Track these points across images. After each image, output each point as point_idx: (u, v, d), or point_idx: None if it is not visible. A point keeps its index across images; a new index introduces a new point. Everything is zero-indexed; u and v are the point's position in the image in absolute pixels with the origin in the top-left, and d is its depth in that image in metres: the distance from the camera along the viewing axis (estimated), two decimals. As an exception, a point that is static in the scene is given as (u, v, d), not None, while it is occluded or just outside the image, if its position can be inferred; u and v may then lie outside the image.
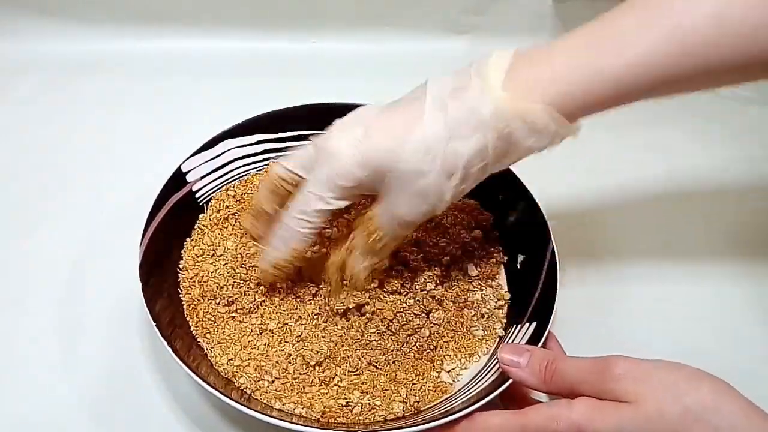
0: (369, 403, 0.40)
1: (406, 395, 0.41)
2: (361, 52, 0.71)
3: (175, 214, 0.46)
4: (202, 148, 0.49)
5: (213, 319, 0.43)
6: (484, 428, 0.36)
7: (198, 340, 0.42)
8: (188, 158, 0.49)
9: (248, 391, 0.40)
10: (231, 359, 0.41)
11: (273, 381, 0.40)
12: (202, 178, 0.49)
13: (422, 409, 0.40)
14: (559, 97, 0.34)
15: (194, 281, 0.45)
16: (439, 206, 0.38)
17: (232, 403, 0.36)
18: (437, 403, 0.41)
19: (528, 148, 0.36)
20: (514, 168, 0.49)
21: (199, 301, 0.44)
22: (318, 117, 0.53)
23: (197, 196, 0.49)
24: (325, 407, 0.39)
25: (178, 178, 0.48)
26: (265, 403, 0.39)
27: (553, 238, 0.45)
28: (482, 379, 0.41)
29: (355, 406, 0.40)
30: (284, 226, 0.41)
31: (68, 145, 0.60)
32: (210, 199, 0.50)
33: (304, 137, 0.53)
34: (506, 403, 0.40)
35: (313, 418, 0.39)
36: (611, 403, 0.33)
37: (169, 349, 0.37)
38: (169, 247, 0.46)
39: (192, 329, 0.42)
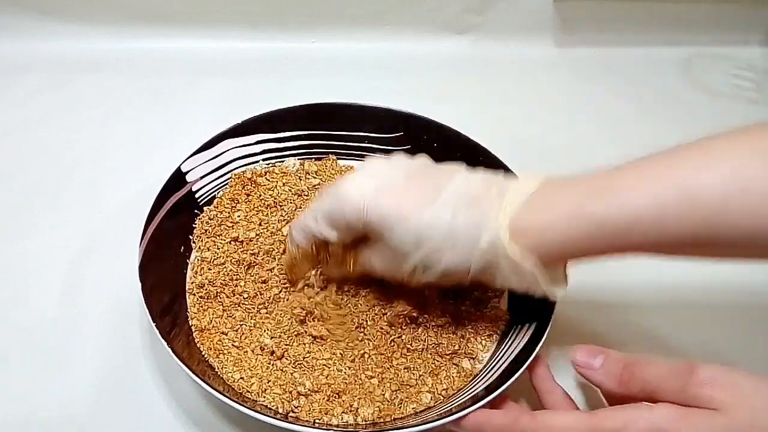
0: (399, 399, 0.40)
1: (433, 384, 0.41)
2: (361, 52, 0.71)
3: (175, 214, 0.46)
4: (201, 148, 0.50)
5: (229, 343, 0.43)
6: (547, 427, 0.34)
7: (205, 356, 0.42)
8: (188, 158, 0.49)
9: (283, 411, 0.39)
10: (243, 377, 0.41)
11: (308, 395, 0.40)
12: (201, 177, 0.49)
13: (450, 395, 0.41)
14: (556, 245, 0.35)
15: (204, 306, 0.45)
16: (410, 281, 0.40)
17: (231, 404, 0.36)
18: (463, 388, 0.41)
19: (508, 282, 0.38)
20: (514, 167, 0.49)
21: (208, 327, 0.44)
22: (318, 117, 0.53)
23: (197, 196, 0.49)
24: (368, 412, 0.40)
25: (177, 178, 0.48)
26: (317, 422, 0.39)
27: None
28: (502, 358, 0.41)
29: (389, 404, 0.40)
30: (291, 227, 0.44)
31: (68, 145, 0.60)
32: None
33: (304, 137, 0.53)
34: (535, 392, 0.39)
35: (361, 424, 0.39)
36: (699, 410, 0.31)
37: (169, 349, 0.37)
38: (169, 246, 0.46)
39: (204, 354, 0.42)
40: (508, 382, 0.37)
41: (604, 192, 0.34)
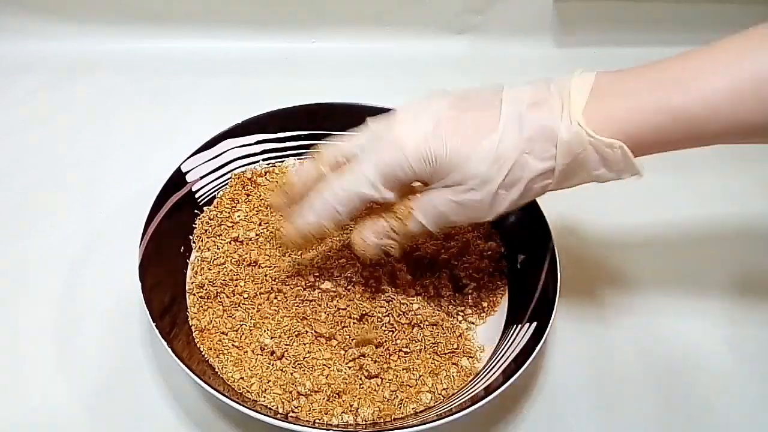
0: (399, 399, 0.40)
1: (433, 384, 0.41)
2: (361, 52, 0.71)
3: (175, 213, 0.46)
4: (201, 148, 0.50)
5: (229, 343, 0.43)
6: None
7: (205, 355, 0.42)
8: (188, 158, 0.49)
9: (283, 411, 0.39)
10: (243, 377, 0.41)
11: (308, 395, 0.40)
12: (201, 177, 0.49)
13: (450, 395, 0.41)
14: (634, 134, 0.34)
15: (204, 305, 0.45)
16: (489, 215, 0.38)
17: (231, 404, 0.36)
18: (464, 387, 0.41)
19: (594, 176, 0.36)
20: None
21: (208, 327, 0.43)
22: (318, 117, 0.53)
23: (197, 196, 0.49)
24: (368, 412, 0.39)
25: (177, 178, 0.48)
26: (317, 422, 0.39)
27: (554, 237, 0.45)
28: (502, 358, 0.41)
29: (389, 404, 0.40)
30: (321, 198, 0.38)
31: (68, 144, 0.60)
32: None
33: (304, 137, 0.53)
34: None
35: (361, 424, 0.39)
36: None
37: (169, 349, 0.37)
38: (169, 246, 0.46)
39: (204, 354, 0.42)
40: (508, 382, 0.37)
41: (678, 82, 0.33)
